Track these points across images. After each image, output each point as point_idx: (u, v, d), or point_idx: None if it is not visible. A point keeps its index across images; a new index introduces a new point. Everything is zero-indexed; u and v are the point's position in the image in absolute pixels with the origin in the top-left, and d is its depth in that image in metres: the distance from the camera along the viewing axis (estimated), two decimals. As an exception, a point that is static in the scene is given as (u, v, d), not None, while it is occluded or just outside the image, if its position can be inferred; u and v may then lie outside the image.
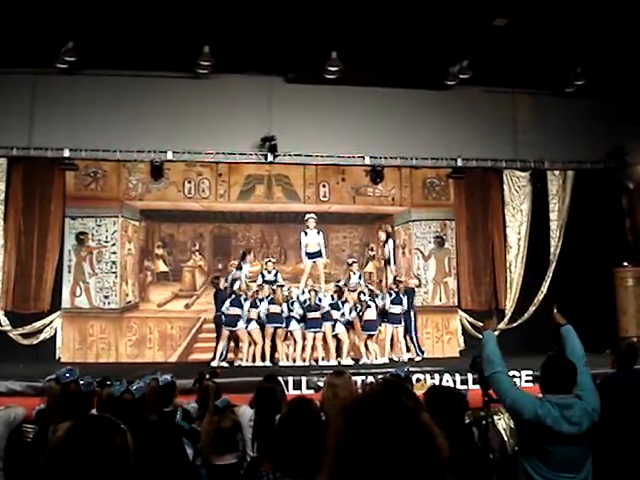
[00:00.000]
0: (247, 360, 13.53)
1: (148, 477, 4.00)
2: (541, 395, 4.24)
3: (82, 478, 1.86)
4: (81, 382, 5.23)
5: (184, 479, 4.58)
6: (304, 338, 13.92)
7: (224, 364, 13.21)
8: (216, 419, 4.80)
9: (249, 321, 13.64)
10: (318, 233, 14.80)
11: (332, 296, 14.22)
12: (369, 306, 14.02)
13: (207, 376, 7.20)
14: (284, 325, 13.79)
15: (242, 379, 10.32)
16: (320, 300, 13.96)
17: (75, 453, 1.90)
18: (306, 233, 14.80)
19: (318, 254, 14.75)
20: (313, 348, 13.90)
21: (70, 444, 1.93)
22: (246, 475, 4.28)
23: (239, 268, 14.41)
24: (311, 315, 13.86)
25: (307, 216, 14.88)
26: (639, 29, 12.74)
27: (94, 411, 5.21)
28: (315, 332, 13.86)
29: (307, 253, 14.77)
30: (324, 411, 4.07)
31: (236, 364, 13.56)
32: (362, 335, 14.10)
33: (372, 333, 14.11)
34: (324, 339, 13.96)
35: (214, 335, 14.11)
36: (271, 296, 13.84)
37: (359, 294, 14.19)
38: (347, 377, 4.83)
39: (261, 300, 13.76)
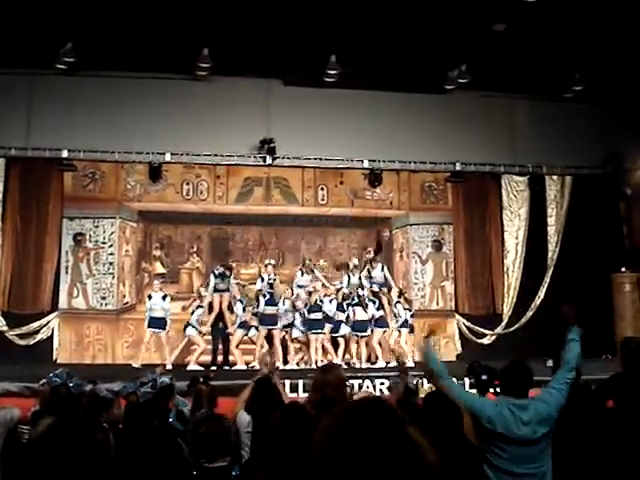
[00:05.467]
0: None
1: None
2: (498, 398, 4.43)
3: (59, 472, 1.86)
4: (70, 384, 5.22)
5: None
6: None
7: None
8: (203, 428, 4.76)
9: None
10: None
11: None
12: (360, 305, 14.19)
13: (201, 380, 7.17)
14: (279, 327, 14.08)
15: (239, 382, 10.30)
16: (322, 302, 14.12)
17: (53, 448, 1.89)
18: (302, 273, 14.94)
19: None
20: (316, 350, 14.05)
21: (49, 439, 1.93)
22: (241, 476, 4.27)
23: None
24: (313, 316, 14.00)
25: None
26: (637, 35, 12.76)
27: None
28: (317, 334, 14.04)
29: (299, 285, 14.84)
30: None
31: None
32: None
33: (363, 334, 14.25)
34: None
35: (210, 337, 14.39)
36: (268, 297, 14.04)
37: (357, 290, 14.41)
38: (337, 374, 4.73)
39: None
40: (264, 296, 14.12)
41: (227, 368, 13.84)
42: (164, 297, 14.17)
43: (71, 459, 1.88)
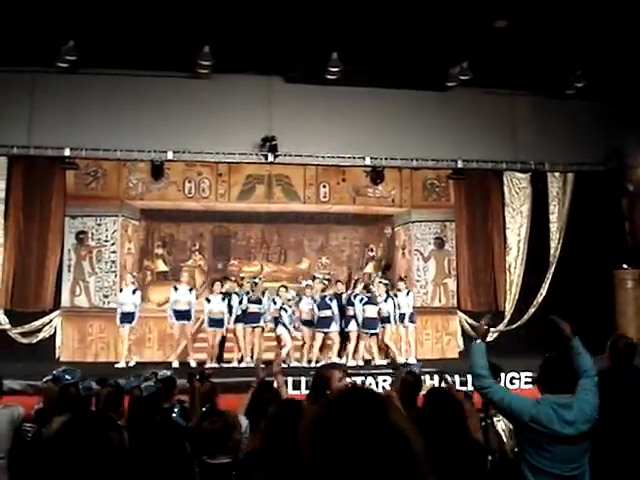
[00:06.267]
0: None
1: (150, 475, 4.01)
2: (539, 397, 4.31)
3: (75, 470, 1.87)
4: (80, 386, 5.23)
5: (182, 476, 4.57)
6: (313, 338, 14.21)
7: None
8: (206, 422, 4.76)
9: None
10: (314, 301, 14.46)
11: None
12: (371, 303, 14.18)
13: (197, 377, 7.14)
14: (262, 324, 14.10)
15: (238, 379, 10.31)
16: (330, 300, 14.20)
17: (68, 445, 1.90)
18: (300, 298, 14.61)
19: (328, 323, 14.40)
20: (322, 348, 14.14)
21: (64, 436, 1.94)
22: (239, 474, 4.27)
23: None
24: (322, 314, 14.00)
25: (304, 282, 14.91)
26: (639, 32, 12.75)
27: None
28: (325, 332, 14.09)
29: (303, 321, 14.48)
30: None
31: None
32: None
33: (373, 332, 14.25)
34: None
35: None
36: (250, 294, 14.03)
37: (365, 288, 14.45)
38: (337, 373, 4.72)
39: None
40: (247, 293, 14.13)
41: (226, 365, 13.92)
42: (134, 291, 14.15)
43: (87, 456, 1.89)
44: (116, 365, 13.63)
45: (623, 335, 6.91)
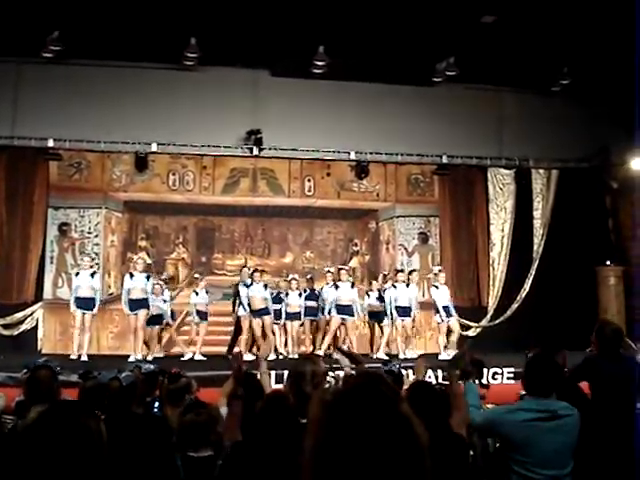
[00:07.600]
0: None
1: (132, 468, 3.98)
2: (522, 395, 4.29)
3: (51, 458, 1.85)
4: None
5: (165, 470, 4.55)
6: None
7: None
8: (190, 415, 4.72)
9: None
10: (300, 295, 14.44)
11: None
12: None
13: (166, 375, 7.00)
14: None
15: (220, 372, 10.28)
16: (320, 292, 14.43)
17: (45, 435, 1.89)
18: (287, 294, 14.42)
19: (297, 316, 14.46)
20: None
21: (40, 426, 1.92)
22: (225, 466, 4.26)
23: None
24: (310, 303, 14.31)
25: (290, 276, 14.77)
26: (625, 30, 12.78)
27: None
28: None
29: (287, 313, 14.37)
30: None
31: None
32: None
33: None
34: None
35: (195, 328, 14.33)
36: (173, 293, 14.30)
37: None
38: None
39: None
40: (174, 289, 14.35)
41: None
42: (93, 274, 13.82)
43: (63, 446, 1.87)
44: (82, 354, 13.34)
45: (609, 321, 6.92)
